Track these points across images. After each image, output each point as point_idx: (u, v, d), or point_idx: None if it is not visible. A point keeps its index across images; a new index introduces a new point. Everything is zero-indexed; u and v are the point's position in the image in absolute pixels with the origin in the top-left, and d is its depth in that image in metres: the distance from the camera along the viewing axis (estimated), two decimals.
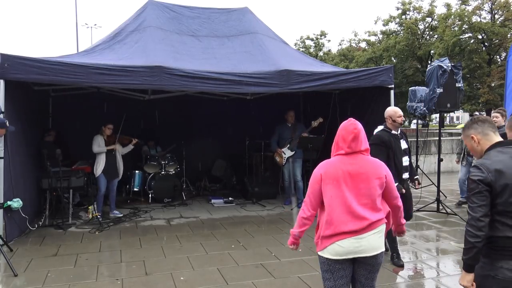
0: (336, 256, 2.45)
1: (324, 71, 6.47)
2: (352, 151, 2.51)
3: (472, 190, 2.11)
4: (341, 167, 2.48)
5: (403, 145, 4.48)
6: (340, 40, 63.17)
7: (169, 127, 8.55)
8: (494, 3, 30.01)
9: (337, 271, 2.49)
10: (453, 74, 6.26)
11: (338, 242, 2.42)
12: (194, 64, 6.09)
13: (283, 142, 7.55)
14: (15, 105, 5.35)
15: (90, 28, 38.88)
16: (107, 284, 3.99)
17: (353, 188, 2.45)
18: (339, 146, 2.56)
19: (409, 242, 5.35)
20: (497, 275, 2.06)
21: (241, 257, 4.75)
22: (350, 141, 2.50)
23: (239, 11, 8.07)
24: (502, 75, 21.55)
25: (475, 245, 2.06)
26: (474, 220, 2.07)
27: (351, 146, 2.51)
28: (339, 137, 2.57)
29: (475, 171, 2.13)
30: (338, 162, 2.51)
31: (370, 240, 2.45)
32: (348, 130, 2.53)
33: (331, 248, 2.45)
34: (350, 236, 2.41)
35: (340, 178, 2.45)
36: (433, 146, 11.75)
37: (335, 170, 2.48)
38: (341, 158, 2.53)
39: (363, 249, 2.44)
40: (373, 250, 2.46)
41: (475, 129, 2.28)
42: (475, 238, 2.06)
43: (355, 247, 2.42)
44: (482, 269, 2.13)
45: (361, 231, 2.42)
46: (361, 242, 2.43)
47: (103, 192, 6.54)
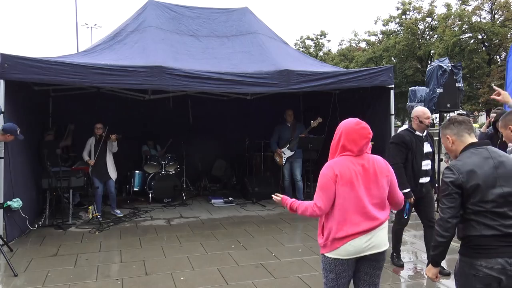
0: (346, 256, 2.44)
1: (324, 71, 6.48)
2: (361, 154, 2.50)
3: (443, 192, 2.16)
4: (354, 167, 2.45)
5: (426, 149, 4.20)
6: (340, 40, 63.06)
7: (169, 127, 8.55)
8: (494, 3, 30.02)
9: (341, 272, 2.48)
10: (453, 74, 6.25)
11: (350, 242, 2.41)
12: (194, 64, 6.09)
13: (283, 142, 7.55)
14: (15, 105, 5.35)
15: (90, 28, 38.81)
16: (107, 284, 3.99)
17: (365, 188, 2.44)
18: (347, 148, 2.48)
19: (409, 242, 5.35)
20: (477, 273, 2.11)
21: (241, 257, 4.75)
22: (362, 145, 2.47)
23: (239, 11, 8.07)
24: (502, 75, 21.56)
25: (441, 244, 2.20)
26: (443, 220, 2.16)
27: (362, 150, 2.48)
28: (349, 139, 2.47)
29: (447, 172, 2.19)
30: (348, 163, 2.46)
31: (379, 236, 2.47)
32: (361, 134, 2.46)
33: (343, 249, 2.42)
34: (361, 235, 2.42)
35: (353, 179, 2.42)
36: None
37: (349, 171, 2.43)
38: (349, 159, 2.47)
39: (373, 246, 2.45)
40: (382, 246, 2.49)
41: (451, 130, 2.33)
42: (441, 237, 2.18)
43: (366, 245, 2.43)
44: (463, 269, 2.19)
45: (371, 227, 2.43)
46: (371, 240, 2.44)
47: (98, 192, 6.50)
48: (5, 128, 4.77)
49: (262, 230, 5.98)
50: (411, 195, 4.05)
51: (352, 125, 2.51)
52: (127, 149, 7.85)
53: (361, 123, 2.54)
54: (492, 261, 2.08)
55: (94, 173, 6.51)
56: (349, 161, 2.47)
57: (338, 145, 2.53)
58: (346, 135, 2.49)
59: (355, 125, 2.51)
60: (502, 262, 2.07)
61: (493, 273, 2.07)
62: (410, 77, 33.26)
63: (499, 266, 2.07)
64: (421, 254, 4.93)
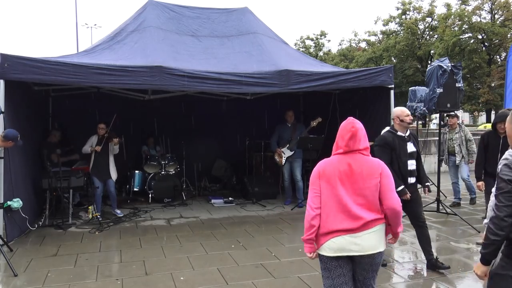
0: (330, 253, 2.48)
1: (324, 71, 6.47)
2: (349, 150, 2.51)
3: (500, 189, 2.08)
4: (338, 166, 2.49)
5: (410, 148, 4.19)
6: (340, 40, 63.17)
7: (169, 127, 8.56)
8: (494, 3, 30.02)
9: (334, 269, 2.51)
10: (453, 74, 6.25)
11: (333, 239, 2.45)
12: (194, 64, 6.09)
13: (283, 142, 7.55)
14: (15, 105, 5.35)
15: (90, 28, 38.90)
16: (107, 284, 3.99)
17: (349, 187, 2.45)
18: (338, 145, 2.58)
19: (409, 242, 5.35)
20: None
21: (241, 257, 4.75)
22: (347, 139, 2.51)
23: (239, 11, 8.07)
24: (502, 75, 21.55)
25: (494, 243, 2.09)
26: (498, 219, 2.06)
27: (348, 145, 2.52)
28: (338, 135, 2.60)
29: (505, 170, 2.09)
30: (335, 161, 2.53)
31: (366, 239, 2.45)
32: (346, 128, 2.55)
33: (326, 245, 2.48)
34: (345, 234, 2.43)
35: (336, 177, 2.47)
36: (433, 146, 11.75)
37: (332, 169, 2.49)
38: (338, 157, 2.55)
39: (359, 248, 2.45)
40: (370, 249, 2.47)
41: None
42: (495, 236, 2.07)
43: (350, 245, 2.44)
44: (502, 268, 2.13)
45: (356, 230, 2.43)
46: (356, 241, 2.44)
47: (98, 192, 6.49)
48: (7, 135, 4.78)
49: (262, 230, 5.98)
50: (405, 191, 4.03)
51: (344, 122, 2.62)
52: (127, 149, 7.86)
53: (350, 119, 2.62)
54: None
55: (95, 173, 6.51)
56: (337, 159, 2.54)
57: (335, 144, 2.64)
58: (338, 133, 2.61)
59: (345, 121, 2.62)
60: None
61: None
62: (410, 77, 33.29)
63: None
64: (421, 254, 4.91)
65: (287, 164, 7.56)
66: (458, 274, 4.28)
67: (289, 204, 7.53)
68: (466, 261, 4.68)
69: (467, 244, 5.24)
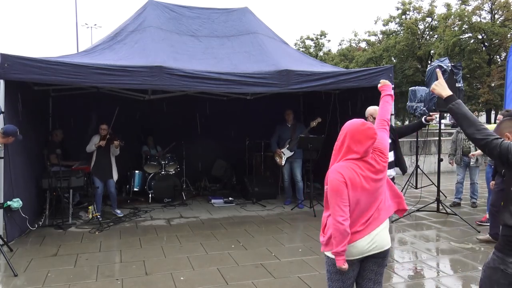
0: (350, 257, 2.42)
1: (324, 71, 6.47)
2: (366, 156, 2.44)
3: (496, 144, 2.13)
4: (360, 172, 2.40)
5: None
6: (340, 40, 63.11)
7: (169, 127, 8.55)
8: (494, 3, 30.02)
9: (347, 273, 2.45)
10: (453, 74, 6.25)
11: (353, 244, 2.39)
12: (194, 64, 6.09)
13: (283, 143, 7.55)
14: (15, 105, 5.35)
15: (90, 28, 38.86)
16: (107, 284, 3.99)
17: (371, 191, 2.42)
18: (353, 150, 2.41)
19: (409, 242, 5.35)
20: (506, 269, 2.11)
21: (241, 257, 4.75)
22: (368, 146, 2.41)
23: (239, 11, 8.07)
24: (502, 75, 21.56)
25: (469, 123, 2.21)
26: (478, 132, 2.16)
27: (367, 151, 2.43)
28: (354, 140, 2.41)
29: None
30: (356, 168, 2.40)
31: (381, 236, 2.45)
32: (368, 135, 2.40)
33: (347, 251, 2.38)
34: (363, 236, 2.40)
35: (358, 184, 2.38)
36: (433, 146, 11.76)
37: (356, 177, 2.38)
38: (356, 163, 2.41)
39: (376, 246, 2.43)
40: (385, 245, 2.48)
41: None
42: (477, 131, 2.17)
43: (369, 246, 2.42)
44: (493, 262, 2.19)
45: (373, 227, 2.43)
46: (373, 240, 2.42)
47: (98, 192, 6.49)
48: (6, 131, 4.77)
49: (262, 230, 5.98)
50: None
51: (358, 125, 2.43)
52: (127, 149, 7.85)
53: (367, 123, 2.46)
54: None
55: (96, 172, 6.51)
56: (356, 166, 2.40)
57: (343, 146, 2.46)
58: (352, 136, 2.41)
59: (361, 125, 2.43)
60: None
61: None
62: (410, 77, 33.28)
63: None
64: (421, 254, 4.93)
65: (287, 164, 7.56)
66: (458, 274, 4.28)
67: (289, 204, 7.53)
68: (466, 261, 4.68)
69: (467, 244, 5.24)
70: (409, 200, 7.92)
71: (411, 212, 6.81)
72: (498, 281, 2.13)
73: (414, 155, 10.18)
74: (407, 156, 11.54)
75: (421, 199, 7.60)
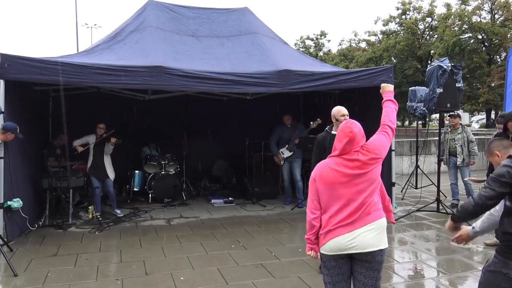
0: (330, 252, 2.51)
1: (324, 71, 6.47)
2: (345, 153, 2.52)
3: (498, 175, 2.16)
4: (335, 168, 2.49)
5: None
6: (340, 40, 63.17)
7: (169, 127, 8.55)
8: (494, 3, 30.02)
9: (332, 268, 2.54)
10: (453, 74, 6.26)
11: (333, 239, 2.47)
12: (194, 64, 6.09)
13: (282, 143, 7.56)
14: (15, 105, 5.35)
15: (90, 28, 38.91)
16: (107, 284, 3.99)
17: (347, 187, 2.46)
18: (335, 147, 2.58)
19: (409, 242, 5.35)
20: (508, 273, 2.09)
21: (241, 257, 4.75)
22: (345, 144, 2.51)
23: (239, 11, 8.06)
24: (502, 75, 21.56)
25: (470, 212, 2.23)
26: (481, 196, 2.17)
27: (345, 149, 2.51)
28: (336, 138, 2.59)
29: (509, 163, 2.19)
30: (332, 163, 2.53)
31: (364, 236, 2.43)
32: (344, 132, 2.53)
33: (327, 246, 2.51)
34: (343, 233, 2.44)
35: (332, 180, 2.48)
36: (433, 146, 11.75)
37: (328, 172, 2.50)
38: (334, 160, 2.54)
39: (357, 245, 2.43)
40: (369, 246, 2.44)
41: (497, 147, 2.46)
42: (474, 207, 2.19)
43: (348, 244, 2.44)
44: (495, 265, 2.17)
45: (354, 227, 2.43)
46: (354, 239, 2.43)
47: (97, 192, 6.46)
48: (5, 126, 4.77)
49: (262, 230, 5.98)
50: None
51: (342, 124, 2.62)
52: (127, 149, 7.85)
53: (348, 122, 2.61)
54: None
55: (92, 172, 6.50)
56: (333, 162, 2.53)
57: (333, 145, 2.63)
58: (336, 134, 2.61)
59: (343, 124, 2.60)
60: None
61: None
62: (410, 77, 33.29)
63: None
64: (421, 254, 4.93)
65: (286, 164, 7.56)
66: (458, 274, 4.28)
67: (289, 204, 7.53)
68: (466, 261, 4.68)
69: (467, 244, 5.23)
70: (409, 200, 7.93)
71: (411, 212, 6.81)
72: (499, 285, 2.11)
73: (414, 155, 10.18)
74: (407, 156, 11.55)
75: (421, 199, 7.60)
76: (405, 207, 7.22)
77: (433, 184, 7.72)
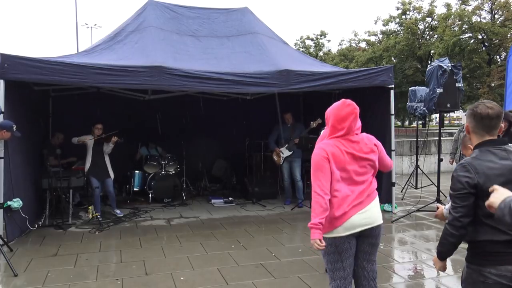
0: (345, 232, 2.51)
1: (324, 71, 6.47)
2: (350, 132, 2.58)
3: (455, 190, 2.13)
4: (345, 149, 2.55)
5: None
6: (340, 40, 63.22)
7: (169, 127, 8.55)
8: (494, 3, 30.03)
9: (345, 251, 2.55)
10: (453, 74, 6.25)
11: (349, 219, 2.50)
12: (194, 64, 6.09)
13: (282, 142, 7.55)
14: (15, 105, 5.35)
15: (90, 28, 38.97)
16: (107, 284, 3.99)
17: (356, 167, 2.55)
18: (337, 128, 2.58)
19: (409, 242, 5.35)
20: (486, 280, 2.04)
21: (241, 257, 4.75)
22: (351, 121, 2.57)
23: (239, 11, 8.06)
24: (502, 75, 21.56)
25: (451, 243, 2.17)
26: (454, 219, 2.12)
27: (351, 127, 2.57)
28: (335, 118, 2.59)
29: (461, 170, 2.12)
30: (340, 145, 2.56)
31: (373, 211, 2.58)
32: (346, 111, 2.58)
33: (343, 227, 2.51)
34: (357, 212, 2.52)
35: (344, 161, 2.52)
36: (433, 146, 11.76)
37: (340, 153, 2.53)
38: (340, 141, 2.57)
39: (370, 221, 2.56)
40: (377, 220, 2.60)
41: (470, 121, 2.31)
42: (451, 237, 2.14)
43: (363, 221, 2.53)
44: (471, 276, 2.12)
45: (365, 204, 2.55)
46: (367, 214, 2.54)
47: (96, 192, 6.45)
48: (1, 124, 4.74)
49: (262, 230, 5.98)
50: None
51: (339, 105, 2.64)
52: (127, 149, 7.85)
53: (345, 101, 2.65)
54: (502, 268, 2.00)
55: (92, 173, 6.49)
56: (340, 143, 2.56)
57: (328, 128, 2.64)
58: (335, 115, 2.60)
59: (341, 104, 2.64)
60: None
61: (503, 280, 2.00)
62: (410, 77, 33.31)
63: (510, 273, 1.99)
64: (421, 254, 4.93)
65: (286, 164, 7.56)
66: (458, 274, 4.28)
67: (289, 204, 7.53)
68: None
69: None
70: (409, 200, 7.93)
71: (411, 212, 6.81)
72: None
73: (414, 155, 10.18)
74: (407, 156, 11.55)
75: (421, 199, 7.60)
76: (405, 207, 7.22)
77: (433, 184, 7.71)
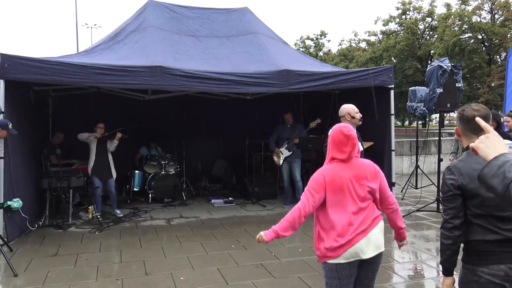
0: (347, 259, 2.45)
1: (324, 71, 6.47)
2: (352, 157, 2.54)
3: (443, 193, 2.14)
4: (344, 174, 2.48)
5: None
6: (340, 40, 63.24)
7: (169, 127, 8.55)
8: (494, 3, 30.03)
9: (345, 277, 2.49)
10: (453, 74, 6.26)
11: (353, 246, 2.42)
12: (194, 64, 6.09)
13: (282, 143, 7.56)
14: (15, 105, 5.35)
15: (90, 28, 38.96)
16: (107, 284, 3.99)
17: (357, 192, 2.47)
18: (337, 151, 2.53)
19: (409, 242, 5.35)
20: (480, 279, 2.05)
21: (241, 257, 4.75)
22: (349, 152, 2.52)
23: (239, 11, 8.06)
24: (502, 75, 21.57)
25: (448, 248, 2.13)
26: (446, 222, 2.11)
27: (351, 155, 2.53)
28: (334, 144, 2.55)
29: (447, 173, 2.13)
30: (340, 169, 2.50)
31: (376, 237, 2.49)
32: (344, 140, 2.51)
33: (346, 254, 2.43)
34: (361, 239, 2.44)
35: (344, 186, 2.46)
36: (433, 146, 11.76)
37: (339, 178, 2.47)
38: (340, 165, 2.52)
39: (372, 248, 2.47)
40: (380, 247, 2.51)
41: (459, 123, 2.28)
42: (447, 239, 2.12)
43: (367, 248, 2.45)
44: (465, 276, 2.12)
45: (367, 231, 2.46)
46: (370, 242, 2.46)
47: (98, 192, 6.46)
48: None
49: (262, 230, 5.94)
50: None
51: (339, 129, 2.55)
52: (127, 149, 7.85)
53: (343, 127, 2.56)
54: (494, 267, 2.01)
55: (96, 172, 6.49)
56: (340, 167, 2.51)
57: (329, 151, 2.60)
58: (334, 139, 2.55)
59: (337, 130, 2.56)
60: (504, 269, 1.99)
61: (496, 279, 2.00)
62: (410, 77, 33.32)
63: (502, 272, 1.99)
64: (421, 254, 4.94)
65: (286, 164, 7.56)
66: (458, 274, 4.28)
67: (289, 204, 7.53)
68: None
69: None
70: (409, 200, 7.92)
71: (411, 212, 6.81)
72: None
73: (414, 155, 10.18)
74: (407, 156, 11.55)
75: (421, 199, 7.60)
76: (405, 207, 7.21)
77: (433, 184, 7.70)
